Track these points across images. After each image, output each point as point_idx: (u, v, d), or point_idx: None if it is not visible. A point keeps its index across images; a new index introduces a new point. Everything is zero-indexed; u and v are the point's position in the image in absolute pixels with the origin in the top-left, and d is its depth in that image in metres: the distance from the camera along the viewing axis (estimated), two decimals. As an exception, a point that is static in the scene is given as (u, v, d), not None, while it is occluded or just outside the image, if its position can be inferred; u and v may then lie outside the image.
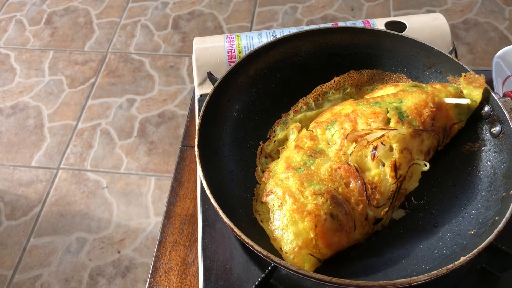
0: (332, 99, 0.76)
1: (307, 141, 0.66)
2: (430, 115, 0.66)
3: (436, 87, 0.70)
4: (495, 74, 0.87)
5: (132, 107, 1.98)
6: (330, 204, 0.58)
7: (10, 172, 1.81)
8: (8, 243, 1.62)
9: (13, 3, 2.45)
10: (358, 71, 0.77)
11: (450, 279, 0.61)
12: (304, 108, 0.74)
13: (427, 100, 0.67)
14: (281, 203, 0.60)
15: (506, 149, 0.63)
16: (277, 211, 0.60)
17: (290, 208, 0.59)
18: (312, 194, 0.59)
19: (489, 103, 0.67)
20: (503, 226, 0.54)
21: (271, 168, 0.66)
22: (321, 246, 0.57)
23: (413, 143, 0.64)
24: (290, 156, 0.65)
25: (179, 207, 0.75)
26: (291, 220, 0.58)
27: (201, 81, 0.83)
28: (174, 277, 0.68)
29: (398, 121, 0.64)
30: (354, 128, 0.65)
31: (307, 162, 0.63)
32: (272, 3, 2.33)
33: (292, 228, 0.57)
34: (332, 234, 0.58)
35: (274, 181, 0.63)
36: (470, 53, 2.05)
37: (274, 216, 0.60)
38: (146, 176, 1.77)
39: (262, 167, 0.68)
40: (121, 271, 1.54)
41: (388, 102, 0.67)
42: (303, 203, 0.58)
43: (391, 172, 0.61)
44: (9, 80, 2.11)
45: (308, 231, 0.57)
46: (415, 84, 0.72)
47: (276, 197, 0.61)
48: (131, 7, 2.39)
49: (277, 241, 0.58)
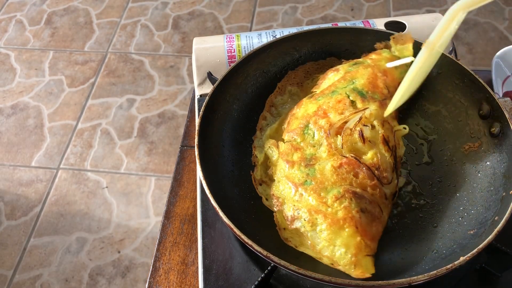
0: (282, 103, 0.75)
1: (293, 153, 0.65)
2: (384, 84, 0.70)
3: (373, 58, 0.74)
4: (494, 74, 0.87)
5: (132, 107, 1.98)
6: (355, 201, 0.58)
7: (10, 172, 1.81)
8: (8, 243, 1.62)
9: (13, 3, 2.45)
10: (293, 70, 0.77)
11: (450, 279, 0.61)
12: (265, 123, 0.73)
13: (374, 72, 0.71)
14: (312, 223, 0.58)
15: (506, 149, 0.63)
16: (312, 233, 0.58)
17: (324, 224, 0.57)
18: (335, 200, 0.58)
19: (489, 103, 0.67)
20: (502, 226, 0.54)
21: (277, 194, 0.63)
22: (369, 242, 0.57)
23: (381, 112, 0.67)
24: (289, 175, 0.63)
25: (179, 207, 0.75)
26: (332, 234, 0.57)
27: (201, 81, 0.83)
28: (174, 277, 0.68)
29: (363, 100, 0.67)
30: (331, 122, 0.65)
31: (309, 173, 0.62)
32: (272, 3, 2.33)
33: (338, 241, 0.56)
34: (370, 226, 0.58)
35: (289, 205, 0.61)
36: (470, 53, 2.05)
37: (314, 240, 0.58)
38: (146, 176, 1.77)
39: (265, 196, 0.65)
40: (121, 271, 1.54)
41: (343, 87, 0.69)
42: (333, 213, 0.57)
43: (384, 147, 0.63)
44: (9, 80, 2.11)
45: (354, 236, 0.56)
46: (354, 62, 0.74)
47: (304, 220, 0.59)
48: (131, 7, 2.39)
49: (330, 259, 0.57)
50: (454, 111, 0.72)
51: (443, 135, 0.71)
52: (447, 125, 0.72)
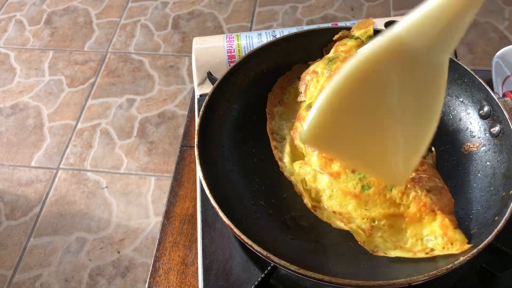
0: (279, 126, 0.72)
1: (330, 164, 0.62)
2: None
3: (343, 49, 0.73)
4: (494, 74, 0.87)
5: (132, 107, 1.98)
6: (418, 187, 0.58)
7: (10, 172, 1.81)
8: (8, 243, 1.62)
9: (13, 3, 2.45)
10: (270, 92, 0.75)
11: (450, 279, 0.61)
12: (279, 151, 0.70)
13: None
14: (392, 227, 0.57)
15: (506, 149, 0.63)
16: (396, 236, 0.58)
17: (404, 223, 0.57)
18: (401, 196, 0.57)
19: (489, 103, 0.67)
20: (502, 226, 0.54)
21: (339, 210, 0.60)
22: (449, 216, 0.57)
23: None
24: (341, 187, 0.60)
25: (178, 207, 0.75)
26: (416, 230, 0.57)
27: (201, 81, 0.83)
28: (173, 277, 0.68)
29: None
30: None
31: (360, 177, 0.60)
32: (272, 3, 2.33)
33: (424, 232, 0.57)
34: (442, 200, 0.58)
35: (360, 218, 0.59)
36: (470, 53, 2.05)
37: (400, 241, 0.57)
38: (146, 176, 1.77)
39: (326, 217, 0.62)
40: (121, 271, 1.54)
41: None
42: (407, 209, 0.57)
43: None
44: (9, 80, 2.11)
45: (435, 219, 0.56)
46: (328, 60, 0.72)
47: (383, 226, 0.57)
48: (131, 7, 2.39)
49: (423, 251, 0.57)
50: (454, 111, 0.72)
51: (443, 135, 0.71)
52: (447, 125, 0.72)
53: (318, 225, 0.63)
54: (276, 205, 0.65)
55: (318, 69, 0.72)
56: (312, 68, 0.74)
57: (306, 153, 0.66)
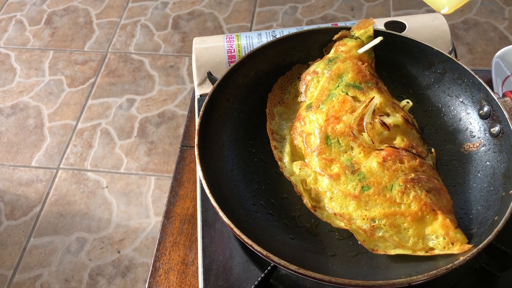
0: (278, 126, 0.73)
1: (330, 166, 0.63)
2: (368, 69, 0.70)
3: (344, 49, 0.73)
4: (494, 74, 0.87)
5: (132, 107, 1.98)
6: (419, 187, 0.58)
7: (10, 172, 1.81)
8: (8, 243, 1.62)
9: (13, 3, 2.45)
10: (270, 92, 0.75)
11: (450, 279, 0.61)
12: (279, 151, 0.70)
13: (354, 62, 0.71)
14: (393, 226, 0.57)
15: (506, 149, 0.63)
16: (397, 235, 0.58)
17: (405, 222, 0.57)
18: (401, 195, 0.58)
19: (489, 103, 0.67)
20: (502, 226, 0.54)
21: (339, 212, 0.60)
22: (449, 216, 0.58)
23: (386, 96, 0.68)
24: (341, 188, 0.61)
25: (178, 207, 0.75)
26: (418, 229, 0.57)
27: (201, 81, 0.83)
28: (173, 277, 0.68)
29: (361, 92, 0.67)
30: (348, 124, 0.65)
31: (360, 178, 0.60)
32: (272, 3, 2.33)
33: (426, 231, 0.57)
34: (442, 200, 0.59)
35: (360, 218, 0.59)
36: (470, 53, 2.05)
37: (401, 240, 0.58)
38: (146, 176, 1.77)
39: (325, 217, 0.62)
40: (121, 271, 1.54)
41: (335, 88, 0.69)
42: (408, 208, 0.58)
43: (407, 126, 0.65)
44: (9, 80, 2.11)
45: (436, 218, 0.57)
46: (328, 60, 0.73)
47: (384, 226, 0.58)
48: (131, 7, 2.39)
49: (424, 249, 0.57)
50: (454, 111, 0.72)
51: (443, 135, 0.71)
52: (447, 125, 0.72)
53: (318, 225, 0.63)
54: (276, 205, 0.65)
55: (318, 69, 0.72)
56: (312, 68, 0.74)
57: (306, 153, 0.66)
